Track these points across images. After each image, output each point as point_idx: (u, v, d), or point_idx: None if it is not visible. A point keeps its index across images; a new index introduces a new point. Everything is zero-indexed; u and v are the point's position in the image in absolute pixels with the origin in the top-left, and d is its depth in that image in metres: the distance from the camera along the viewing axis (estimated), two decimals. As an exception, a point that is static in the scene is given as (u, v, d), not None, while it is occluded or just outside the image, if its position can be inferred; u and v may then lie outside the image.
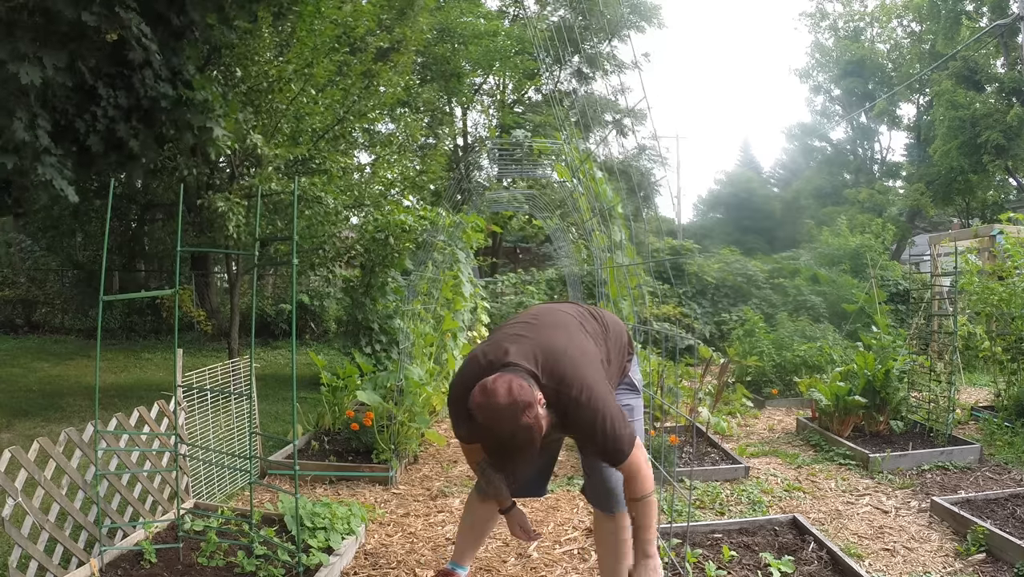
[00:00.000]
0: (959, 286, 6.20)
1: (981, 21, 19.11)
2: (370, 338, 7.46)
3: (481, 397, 1.92)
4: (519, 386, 1.91)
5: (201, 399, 3.85)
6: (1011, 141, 16.66)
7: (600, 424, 2.02)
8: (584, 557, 3.21)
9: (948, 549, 3.26)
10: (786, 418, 6.40)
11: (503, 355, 2.07)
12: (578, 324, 2.30)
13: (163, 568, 2.88)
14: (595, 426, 2.02)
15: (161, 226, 14.08)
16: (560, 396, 2.02)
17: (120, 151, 5.50)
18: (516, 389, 1.90)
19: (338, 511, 3.27)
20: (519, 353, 2.07)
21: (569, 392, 2.02)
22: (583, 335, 2.25)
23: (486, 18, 19.11)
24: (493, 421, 1.89)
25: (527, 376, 2.00)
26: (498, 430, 1.89)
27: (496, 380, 1.93)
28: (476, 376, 2.03)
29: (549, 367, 2.05)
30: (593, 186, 4.50)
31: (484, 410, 1.90)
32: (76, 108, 5.15)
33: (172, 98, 5.47)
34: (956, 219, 21.94)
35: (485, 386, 1.93)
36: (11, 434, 5.37)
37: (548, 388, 2.02)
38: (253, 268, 6.56)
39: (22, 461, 2.55)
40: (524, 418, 1.87)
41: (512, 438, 1.88)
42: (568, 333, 2.21)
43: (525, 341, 2.13)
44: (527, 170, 9.23)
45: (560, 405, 2.03)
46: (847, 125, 28.82)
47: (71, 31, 4.73)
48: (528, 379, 1.98)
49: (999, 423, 5.40)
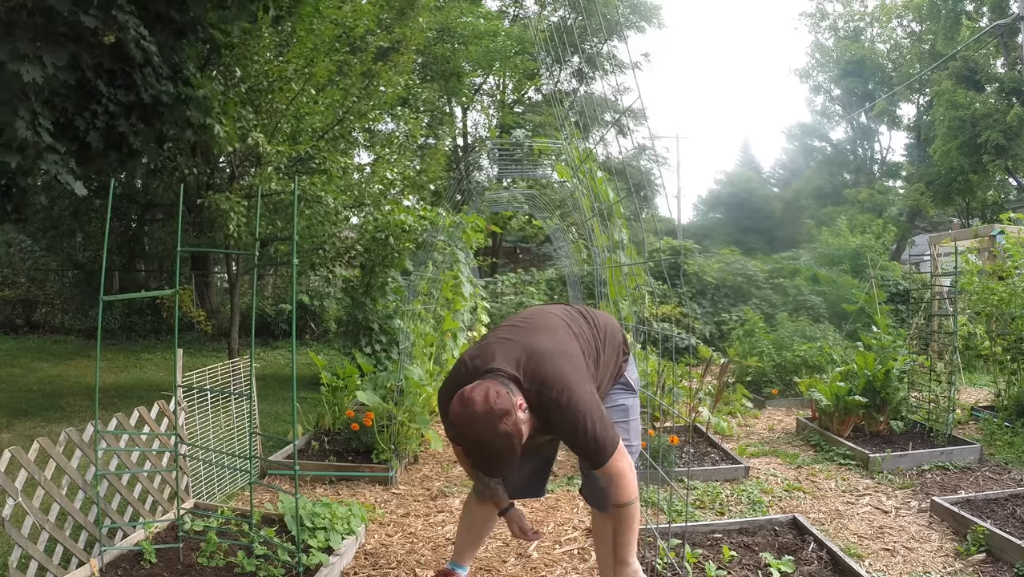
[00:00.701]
0: (959, 286, 6.20)
1: (981, 21, 19.11)
2: (370, 338, 7.46)
3: (459, 407, 1.94)
4: (496, 394, 1.93)
5: (201, 399, 3.85)
6: (1011, 141, 16.66)
7: (581, 425, 2.03)
8: (584, 557, 3.21)
9: (948, 549, 3.26)
10: (786, 418, 6.40)
11: (488, 360, 2.10)
12: (565, 326, 2.31)
13: (163, 568, 2.88)
14: (576, 427, 2.04)
15: (161, 226, 14.09)
16: (541, 398, 2.04)
17: (120, 150, 5.50)
18: (493, 397, 1.92)
19: (338, 511, 3.27)
20: (504, 357, 2.09)
21: (550, 394, 2.03)
22: (569, 336, 2.26)
23: (486, 18, 19.11)
24: (471, 429, 1.92)
25: (508, 381, 2.02)
26: (476, 438, 1.92)
27: (474, 389, 1.95)
28: (461, 381, 2.06)
29: (531, 369, 2.06)
30: (593, 185, 4.50)
31: (462, 419, 1.93)
32: (75, 106, 5.15)
33: (172, 95, 5.47)
34: (956, 219, 21.94)
35: (463, 395, 1.96)
36: (11, 434, 5.38)
37: (530, 391, 2.04)
38: (253, 268, 6.56)
39: (22, 461, 2.55)
40: (502, 426, 1.90)
41: (490, 445, 1.92)
42: (554, 335, 2.22)
43: (511, 344, 2.15)
44: (527, 170, 9.23)
45: (542, 407, 2.05)
46: (847, 125, 28.84)
47: (70, 32, 4.74)
48: (508, 384, 2.00)
49: (999, 423, 5.40)
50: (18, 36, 4.49)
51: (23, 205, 5.40)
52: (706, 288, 12.47)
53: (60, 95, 4.99)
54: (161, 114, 5.56)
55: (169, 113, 5.57)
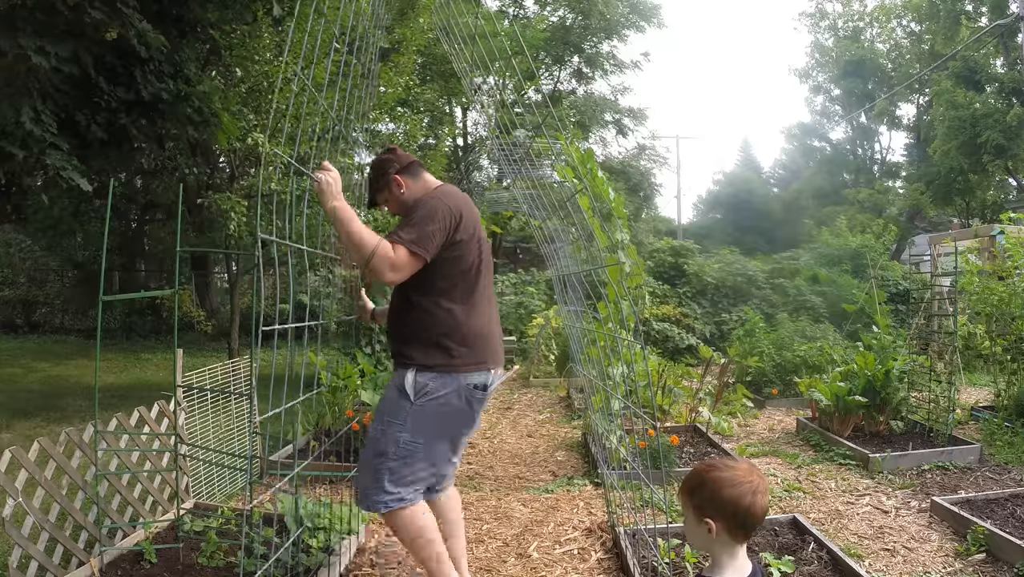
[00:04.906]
0: (959, 286, 6.20)
1: (981, 21, 19.11)
2: (370, 338, 7.46)
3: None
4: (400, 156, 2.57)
5: (201, 399, 3.85)
6: (1011, 141, 16.65)
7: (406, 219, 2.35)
8: (584, 557, 3.21)
9: (948, 549, 3.26)
10: (786, 418, 6.40)
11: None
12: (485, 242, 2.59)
13: (163, 568, 2.88)
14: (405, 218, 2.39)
15: (161, 226, 14.09)
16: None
17: (120, 148, 5.52)
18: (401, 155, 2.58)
19: (338, 511, 3.26)
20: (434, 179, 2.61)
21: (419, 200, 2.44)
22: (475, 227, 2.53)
23: (485, 18, 19.09)
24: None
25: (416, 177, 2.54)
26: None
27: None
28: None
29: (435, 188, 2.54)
30: (593, 185, 4.50)
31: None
32: (76, 102, 5.16)
33: (173, 92, 5.48)
34: (956, 219, 21.92)
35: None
36: (11, 434, 5.38)
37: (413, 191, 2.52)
38: (253, 268, 6.56)
39: (22, 461, 2.55)
40: (384, 156, 2.57)
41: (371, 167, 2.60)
42: (471, 214, 2.55)
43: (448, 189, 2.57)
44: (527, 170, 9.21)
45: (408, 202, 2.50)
46: (847, 125, 28.87)
47: (72, 28, 4.75)
48: (414, 176, 2.54)
49: (999, 423, 5.40)
50: (20, 28, 4.50)
51: (23, 205, 5.42)
52: (706, 288, 12.47)
53: (61, 91, 5.00)
54: (162, 112, 5.57)
55: (170, 110, 5.58)
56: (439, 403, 2.35)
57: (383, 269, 2.21)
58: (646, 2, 21.14)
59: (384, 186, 2.52)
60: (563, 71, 21.65)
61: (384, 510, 2.37)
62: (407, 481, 2.38)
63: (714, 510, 1.54)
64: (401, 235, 2.25)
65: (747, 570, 1.58)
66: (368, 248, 2.19)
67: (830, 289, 11.71)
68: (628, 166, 21.98)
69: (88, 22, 4.64)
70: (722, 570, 1.58)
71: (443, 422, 2.39)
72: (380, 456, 2.36)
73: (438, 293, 2.38)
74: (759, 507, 1.54)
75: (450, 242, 2.34)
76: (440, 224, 2.29)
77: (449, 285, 2.38)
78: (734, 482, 1.54)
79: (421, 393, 2.33)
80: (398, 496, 2.36)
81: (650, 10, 21.17)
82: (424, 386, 2.33)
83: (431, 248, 2.28)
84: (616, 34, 20.83)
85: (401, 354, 2.42)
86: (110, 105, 5.24)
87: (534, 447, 5.50)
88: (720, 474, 1.56)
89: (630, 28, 20.96)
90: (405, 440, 2.34)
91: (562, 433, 5.94)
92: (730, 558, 1.57)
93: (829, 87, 28.22)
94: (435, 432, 2.39)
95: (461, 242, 2.37)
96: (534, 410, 7.12)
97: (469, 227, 2.42)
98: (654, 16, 21.22)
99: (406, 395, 2.34)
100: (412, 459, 2.37)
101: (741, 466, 1.59)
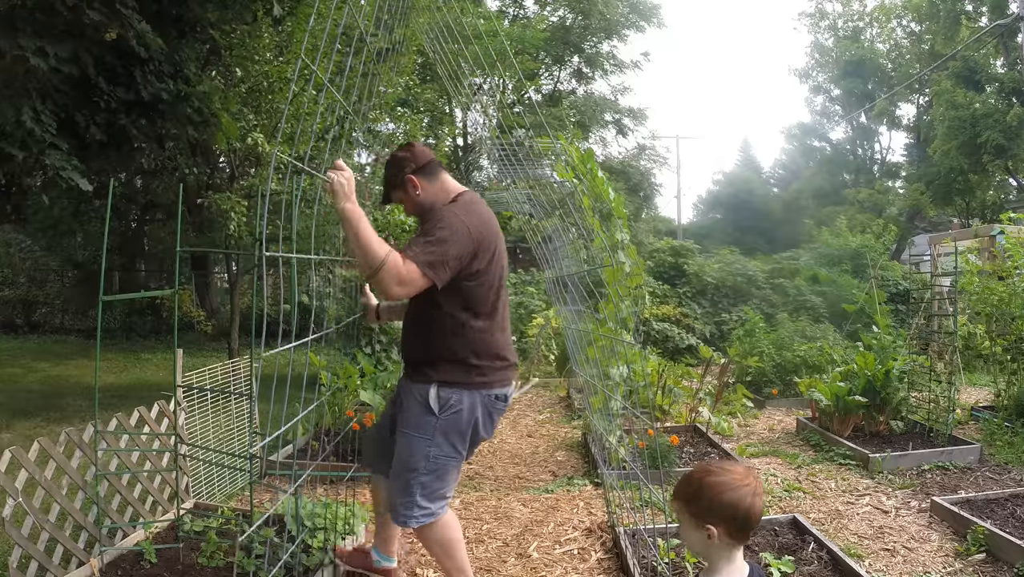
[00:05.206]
0: (959, 286, 6.20)
1: (981, 21, 19.11)
2: (370, 338, 7.46)
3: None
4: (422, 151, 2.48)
5: (201, 399, 3.85)
6: (1011, 141, 16.65)
7: (426, 234, 2.25)
8: (584, 557, 3.21)
9: (948, 549, 3.26)
10: (786, 418, 6.40)
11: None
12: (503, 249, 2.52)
13: (163, 568, 2.88)
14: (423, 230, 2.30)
15: (161, 226, 14.09)
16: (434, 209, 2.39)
17: (120, 148, 5.52)
18: (420, 151, 2.48)
19: (338, 511, 3.26)
20: (457, 186, 2.52)
21: (437, 211, 2.35)
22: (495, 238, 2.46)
23: (485, 19, 19.10)
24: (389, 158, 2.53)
25: (435, 178, 2.46)
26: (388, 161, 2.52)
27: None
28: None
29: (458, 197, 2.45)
30: (592, 185, 4.50)
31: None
32: (75, 102, 5.17)
33: (173, 92, 5.48)
34: (956, 219, 21.92)
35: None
36: (11, 434, 5.38)
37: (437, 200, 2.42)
38: (253, 268, 6.57)
39: (22, 461, 2.54)
40: (400, 153, 2.47)
41: (387, 164, 2.50)
42: (491, 223, 2.50)
43: (471, 197, 2.51)
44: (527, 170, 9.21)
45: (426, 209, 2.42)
46: (847, 125, 28.87)
47: (72, 28, 4.75)
48: (432, 176, 2.45)
49: (999, 423, 5.40)
50: (20, 29, 4.50)
51: (23, 205, 5.42)
52: (706, 288, 12.47)
53: (60, 91, 5.01)
54: (161, 112, 5.57)
55: (169, 111, 5.59)
56: (464, 416, 2.35)
57: (389, 282, 2.12)
58: (646, 2, 21.13)
59: (399, 185, 2.44)
60: (563, 71, 21.65)
61: (416, 525, 2.38)
62: (439, 495, 2.40)
63: (714, 515, 1.53)
64: (416, 253, 2.16)
65: (745, 571, 1.58)
66: (377, 258, 2.10)
67: (830, 289, 11.70)
68: (628, 166, 21.99)
69: (87, 23, 4.65)
70: (720, 574, 1.57)
71: (468, 433, 2.39)
72: (411, 471, 2.35)
73: (461, 308, 2.33)
74: (758, 509, 1.54)
75: (468, 272, 2.28)
76: (458, 250, 2.22)
77: (472, 301, 2.34)
78: (733, 486, 1.53)
79: (446, 407, 2.32)
80: (429, 512, 2.37)
81: (650, 10, 21.17)
82: (448, 400, 2.32)
83: (444, 276, 2.20)
84: (616, 34, 20.82)
85: (423, 371, 2.37)
86: (110, 105, 5.24)
87: (534, 447, 5.50)
88: (717, 479, 1.55)
89: (630, 28, 20.96)
90: (435, 454, 2.34)
91: (562, 433, 5.94)
92: (728, 562, 1.57)
93: (829, 87, 28.23)
94: (462, 443, 2.39)
95: (479, 272, 2.32)
96: (534, 410, 7.12)
97: (489, 250, 2.35)
98: (654, 16, 21.23)
99: (431, 410, 2.32)
100: (444, 472, 2.38)
101: (736, 469, 1.58)
